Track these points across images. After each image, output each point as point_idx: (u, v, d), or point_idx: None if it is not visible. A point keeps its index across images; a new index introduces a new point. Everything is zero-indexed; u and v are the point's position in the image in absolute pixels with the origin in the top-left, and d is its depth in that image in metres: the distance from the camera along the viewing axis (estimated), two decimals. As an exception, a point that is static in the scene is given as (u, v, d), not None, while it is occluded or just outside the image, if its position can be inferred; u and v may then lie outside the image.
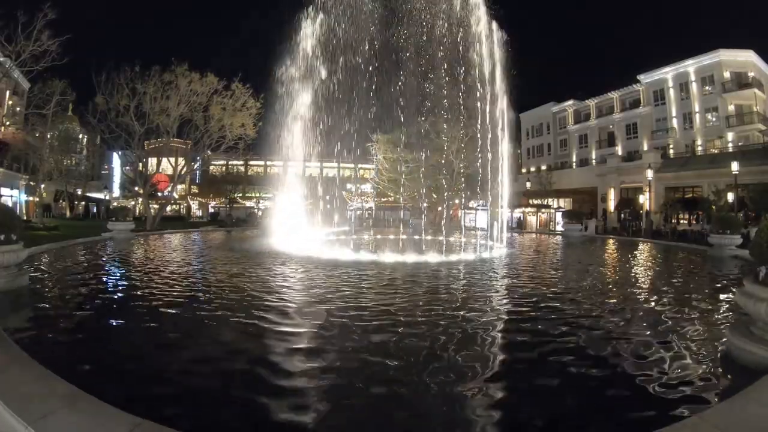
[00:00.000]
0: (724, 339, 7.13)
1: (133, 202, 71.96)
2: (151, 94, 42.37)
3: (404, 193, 54.50)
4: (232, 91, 45.35)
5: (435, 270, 16.13)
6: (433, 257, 19.74)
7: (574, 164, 75.12)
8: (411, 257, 19.59)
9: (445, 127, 48.82)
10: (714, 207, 41.42)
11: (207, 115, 45.24)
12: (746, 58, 56.68)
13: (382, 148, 52.94)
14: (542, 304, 10.53)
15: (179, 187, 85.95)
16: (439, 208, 53.89)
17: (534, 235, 45.46)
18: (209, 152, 55.82)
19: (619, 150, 67.17)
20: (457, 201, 57.05)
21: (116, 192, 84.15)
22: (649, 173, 45.25)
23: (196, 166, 60.59)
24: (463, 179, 51.34)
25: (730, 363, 6.38)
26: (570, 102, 78.88)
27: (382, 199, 63.40)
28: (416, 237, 33.07)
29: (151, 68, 42.80)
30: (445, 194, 50.55)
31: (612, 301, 11.47)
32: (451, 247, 24.41)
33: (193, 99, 44.04)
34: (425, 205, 53.21)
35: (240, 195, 77.46)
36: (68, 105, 51.52)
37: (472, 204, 58.57)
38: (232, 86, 45.39)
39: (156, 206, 51.82)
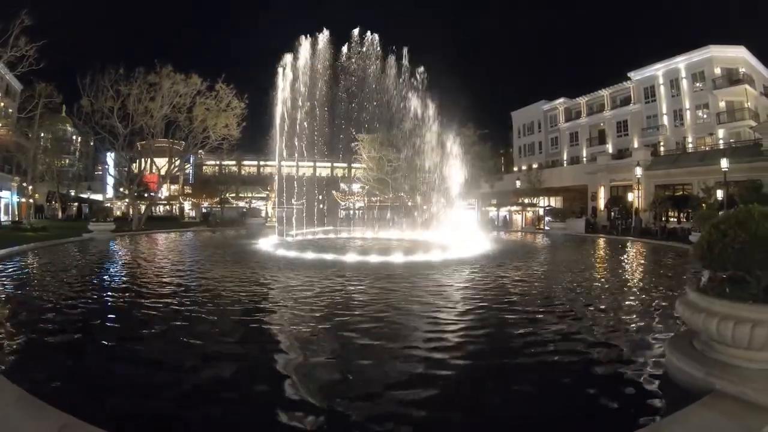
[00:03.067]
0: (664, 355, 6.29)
1: (127, 202, 72.27)
2: (135, 95, 42.36)
3: (389, 193, 54.67)
4: (216, 91, 45.37)
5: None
6: (395, 257, 19.59)
7: (565, 162, 74.91)
8: (372, 258, 19.64)
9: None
10: (704, 205, 41.24)
11: (191, 116, 45.27)
12: (737, 54, 56.48)
13: (366, 147, 52.99)
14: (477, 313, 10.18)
15: (173, 187, 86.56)
16: (424, 207, 54.00)
17: (517, 234, 45.52)
18: (201, 153, 56.17)
19: (609, 148, 66.90)
20: (443, 200, 57.14)
21: (110, 193, 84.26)
22: (638, 170, 45.22)
23: (184, 167, 60.44)
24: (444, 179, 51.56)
25: (667, 383, 5.71)
26: (561, 100, 78.68)
27: (372, 199, 63.40)
28: (393, 237, 33.23)
29: (135, 70, 42.92)
30: (426, 193, 50.75)
31: (554, 306, 10.94)
32: (421, 247, 24.25)
33: (176, 100, 43.97)
34: (410, 204, 53.34)
35: (232, 195, 77.26)
36: (56, 107, 51.30)
37: (459, 203, 58.73)
38: (216, 87, 45.43)
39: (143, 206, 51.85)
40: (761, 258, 5.11)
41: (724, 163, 36.79)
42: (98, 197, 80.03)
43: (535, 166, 76.65)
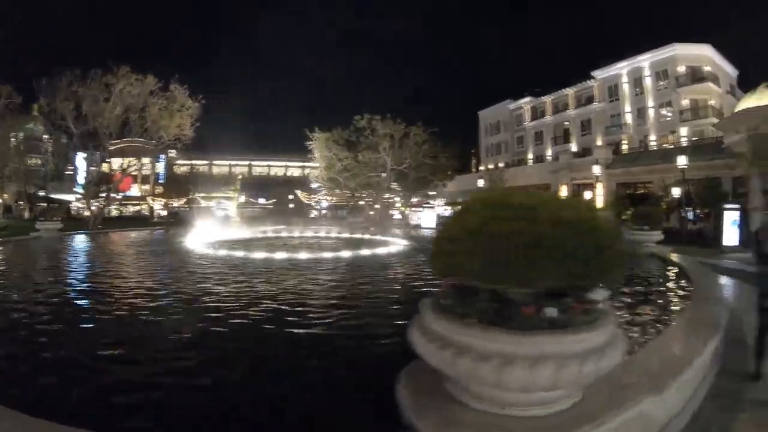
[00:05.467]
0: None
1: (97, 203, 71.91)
2: (91, 96, 42.12)
3: (340, 191, 54.90)
4: (170, 92, 45.17)
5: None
6: (303, 255, 19.65)
7: (530, 161, 74.77)
8: (277, 255, 19.56)
9: (379, 125, 49.41)
10: (663, 203, 41.37)
11: (144, 116, 45.06)
12: (702, 52, 56.95)
13: (320, 145, 53.09)
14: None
15: (145, 187, 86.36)
16: (377, 206, 54.14)
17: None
18: (175, 152, 56.31)
19: (574, 146, 67.10)
20: (397, 198, 57.37)
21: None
22: (595, 168, 45.27)
23: (150, 166, 60.36)
24: (394, 177, 51.80)
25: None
26: (527, 99, 78.54)
27: (331, 197, 63.55)
28: (334, 235, 33.34)
29: (92, 71, 42.65)
30: (377, 191, 51.00)
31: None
32: (346, 245, 24.29)
33: (129, 101, 43.70)
34: (361, 202, 53.39)
35: (202, 195, 76.79)
36: (16, 107, 51.02)
37: (415, 201, 58.95)
38: (170, 87, 45.23)
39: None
40: (469, 262, 3.60)
41: (681, 160, 36.82)
42: (70, 197, 79.67)
43: (502, 165, 76.64)
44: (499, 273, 3.49)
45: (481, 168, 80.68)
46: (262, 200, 78.70)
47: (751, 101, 34.13)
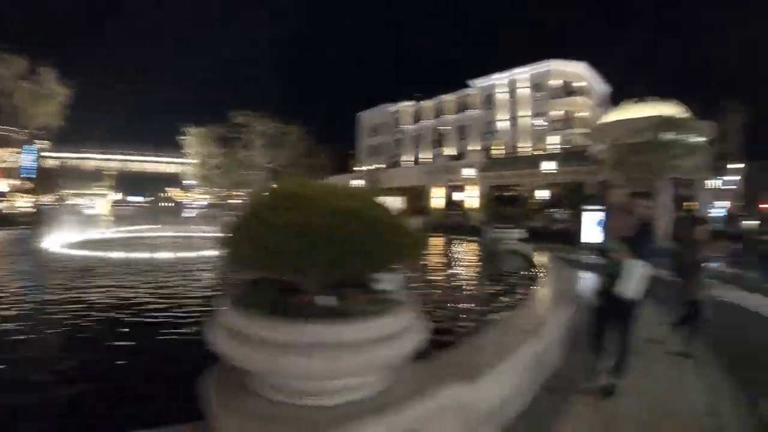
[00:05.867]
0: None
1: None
2: None
3: (216, 189, 54.00)
4: (39, 74, 42.31)
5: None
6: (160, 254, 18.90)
7: (408, 163, 75.76)
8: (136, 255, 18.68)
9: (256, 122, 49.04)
10: (532, 203, 43.53)
11: (9, 101, 42.02)
12: (576, 68, 60.78)
13: (194, 141, 51.91)
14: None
15: (13, 182, 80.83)
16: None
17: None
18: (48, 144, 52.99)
19: (450, 150, 68.88)
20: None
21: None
22: (465, 171, 46.94)
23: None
24: (269, 175, 51.56)
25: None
26: (408, 103, 79.11)
27: (211, 197, 62.11)
28: (202, 233, 32.68)
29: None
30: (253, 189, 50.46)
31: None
32: (209, 244, 23.95)
33: None
34: (233, 201, 52.70)
35: (73, 191, 72.72)
36: None
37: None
38: (40, 70, 42.34)
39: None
40: (242, 252, 3.55)
41: (545, 165, 39.05)
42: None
43: (383, 166, 76.85)
44: (270, 262, 3.40)
45: (358, 168, 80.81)
46: (138, 198, 75.65)
47: (616, 115, 36.90)
